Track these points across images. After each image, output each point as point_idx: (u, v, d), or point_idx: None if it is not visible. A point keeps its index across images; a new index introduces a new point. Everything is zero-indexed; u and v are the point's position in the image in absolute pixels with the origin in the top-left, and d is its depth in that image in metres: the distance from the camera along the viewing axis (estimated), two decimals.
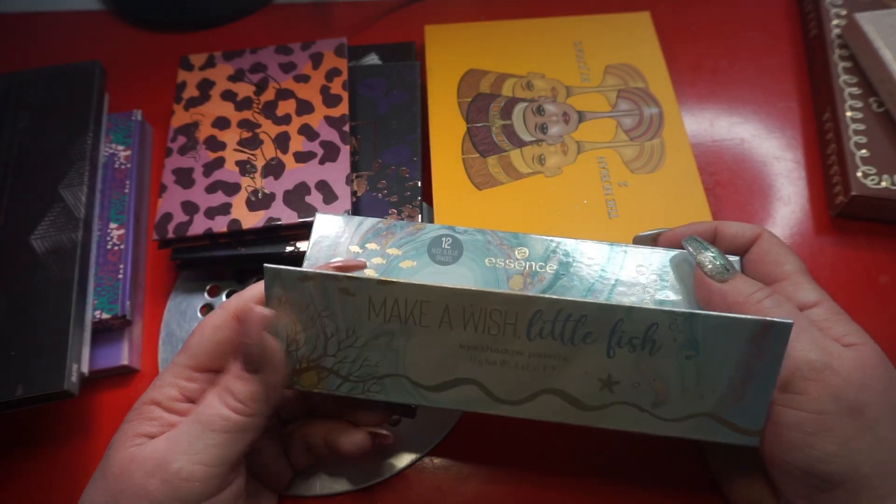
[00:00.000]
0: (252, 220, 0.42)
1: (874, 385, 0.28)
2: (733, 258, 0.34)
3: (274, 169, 0.44)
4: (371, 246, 0.34)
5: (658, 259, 0.34)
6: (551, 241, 0.35)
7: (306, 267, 0.33)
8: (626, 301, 0.33)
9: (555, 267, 0.34)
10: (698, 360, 0.29)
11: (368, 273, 0.34)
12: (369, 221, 0.36)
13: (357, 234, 0.35)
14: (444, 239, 0.35)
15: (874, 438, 0.27)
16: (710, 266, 0.31)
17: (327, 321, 0.30)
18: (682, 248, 0.34)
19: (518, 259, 0.34)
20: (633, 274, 0.34)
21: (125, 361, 0.41)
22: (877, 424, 0.27)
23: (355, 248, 0.34)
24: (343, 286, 0.30)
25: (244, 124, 0.47)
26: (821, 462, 0.27)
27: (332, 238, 0.35)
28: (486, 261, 0.34)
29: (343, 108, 0.47)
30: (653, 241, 0.36)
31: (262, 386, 0.29)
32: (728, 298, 0.30)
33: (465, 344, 0.30)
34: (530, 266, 0.34)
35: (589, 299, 0.29)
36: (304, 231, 0.43)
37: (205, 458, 0.28)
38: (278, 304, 0.30)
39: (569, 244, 0.35)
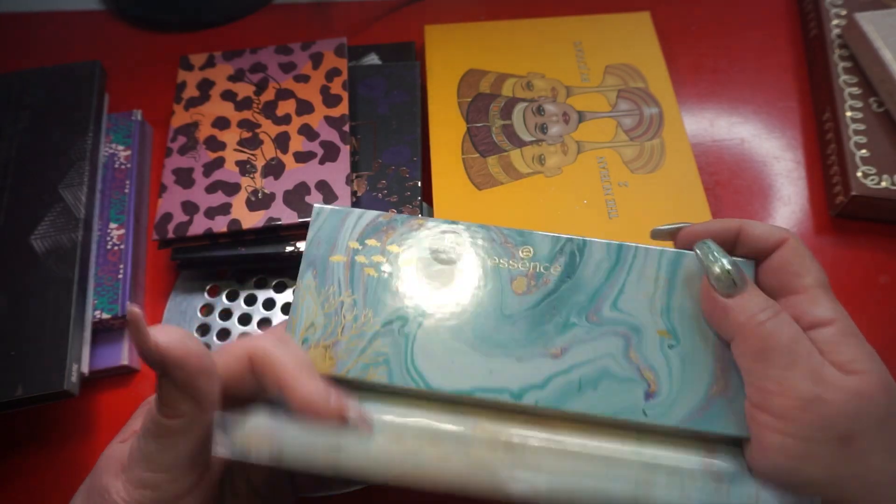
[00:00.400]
0: (252, 220, 0.42)
1: (869, 414, 0.27)
2: (748, 262, 0.33)
3: (274, 169, 0.44)
4: (371, 242, 0.34)
5: (669, 261, 0.33)
6: (558, 238, 0.34)
7: (304, 262, 0.33)
8: (629, 320, 0.32)
9: (560, 269, 0.33)
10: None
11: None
12: (369, 215, 0.35)
13: (356, 228, 0.35)
14: (445, 235, 0.34)
15: (864, 467, 0.27)
16: (717, 276, 0.30)
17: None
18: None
19: (522, 258, 0.34)
20: (643, 277, 0.33)
21: (125, 361, 0.41)
22: (868, 454, 0.27)
23: (354, 244, 0.34)
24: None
25: (244, 124, 0.47)
26: (806, 486, 0.27)
27: (331, 232, 0.35)
28: (490, 259, 0.34)
29: (343, 108, 0.47)
30: (671, 235, 0.34)
31: (176, 387, 0.27)
32: (730, 315, 0.30)
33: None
34: (535, 267, 0.33)
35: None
36: (304, 231, 0.43)
37: (150, 465, 0.27)
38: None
39: (576, 243, 0.34)
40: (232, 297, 0.44)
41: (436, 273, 0.33)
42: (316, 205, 0.35)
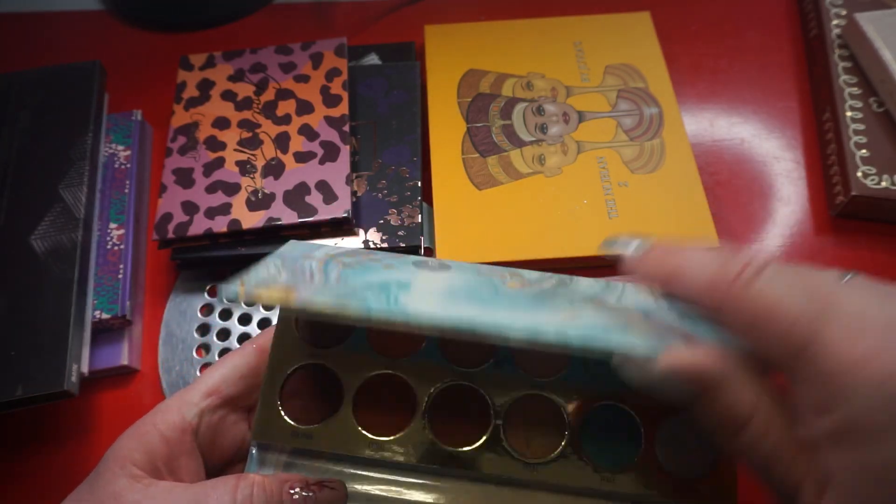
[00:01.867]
0: (252, 220, 0.42)
1: None
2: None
3: (274, 169, 0.44)
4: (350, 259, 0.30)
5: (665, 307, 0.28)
6: (546, 273, 0.31)
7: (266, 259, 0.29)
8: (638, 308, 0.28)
9: (553, 281, 0.30)
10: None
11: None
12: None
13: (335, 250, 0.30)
14: (429, 260, 0.32)
15: None
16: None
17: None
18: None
19: (512, 279, 0.30)
20: (640, 291, 0.29)
21: (125, 361, 0.41)
22: None
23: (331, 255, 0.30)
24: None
25: (244, 124, 0.47)
26: None
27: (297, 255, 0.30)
28: (477, 272, 0.30)
29: (343, 108, 0.47)
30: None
31: None
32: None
33: None
34: (527, 282, 0.30)
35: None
36: (304, 231, 0.43)
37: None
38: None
39: (564, 277, 0.31)
40: None
41: (426, 269, 0.30)
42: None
